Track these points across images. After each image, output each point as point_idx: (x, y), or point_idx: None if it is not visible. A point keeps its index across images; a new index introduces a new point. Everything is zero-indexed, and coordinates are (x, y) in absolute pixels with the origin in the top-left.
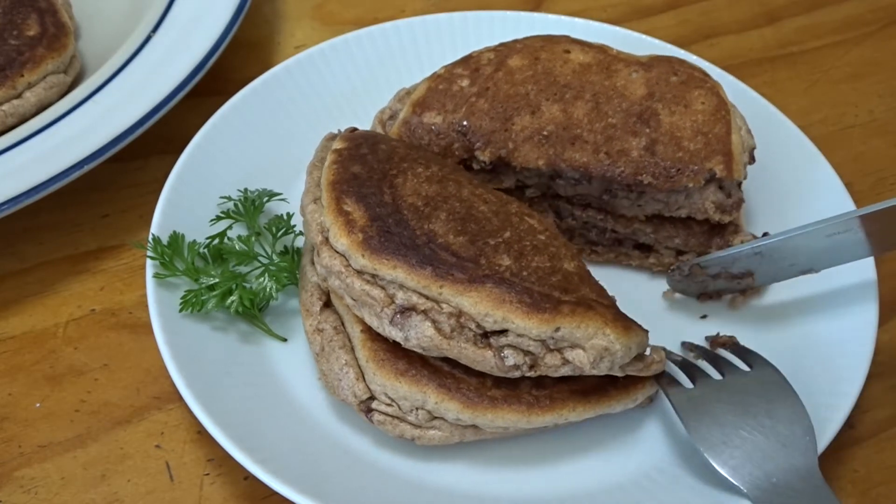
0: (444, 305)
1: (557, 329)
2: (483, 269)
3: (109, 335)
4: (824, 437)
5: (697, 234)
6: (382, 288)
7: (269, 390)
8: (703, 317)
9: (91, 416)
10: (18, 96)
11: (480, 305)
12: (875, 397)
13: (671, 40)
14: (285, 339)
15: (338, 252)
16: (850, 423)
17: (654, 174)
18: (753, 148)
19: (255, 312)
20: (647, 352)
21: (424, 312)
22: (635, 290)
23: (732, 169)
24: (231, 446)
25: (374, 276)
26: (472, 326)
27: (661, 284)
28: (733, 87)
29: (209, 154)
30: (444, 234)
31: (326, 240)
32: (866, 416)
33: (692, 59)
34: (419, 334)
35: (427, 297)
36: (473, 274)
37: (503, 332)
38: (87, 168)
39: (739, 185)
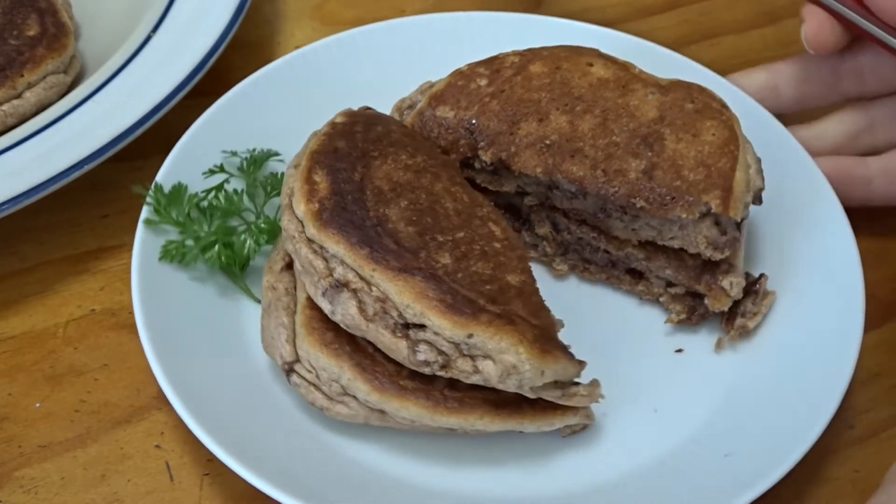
0: (373, 288)
1: (471, 335)
2: (420, 261)
3: (109, 335)
4: (803, 447)
5: (689, 269)
6: (325, 260)
7: (253, 384)
8: (679, 351)
9: (91, 416)
10: (18, 96)
11: (404, 295)
12: (875, 397)
13: (671, 40)
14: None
15: (296, 217)
16: (850, 424)
17: (647, 199)
18: (761, 189)
19: (235, 271)
20: (580, 382)
21: (354, 291)
22: (619, 314)
23: (729, 206)
24: (215, 444)
25: (321, 247)
26: (394, 314)
27: (646, 313)
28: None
29: (234, 113)
30: (395, 221)
31: (290, 203)
32: (866, 416)
33: (726, 87)
34: (344, 311)
35: (361, 278)
36: (407, 264)
37: (423, 326)
38: (87, 168)
39: (738, 224)
